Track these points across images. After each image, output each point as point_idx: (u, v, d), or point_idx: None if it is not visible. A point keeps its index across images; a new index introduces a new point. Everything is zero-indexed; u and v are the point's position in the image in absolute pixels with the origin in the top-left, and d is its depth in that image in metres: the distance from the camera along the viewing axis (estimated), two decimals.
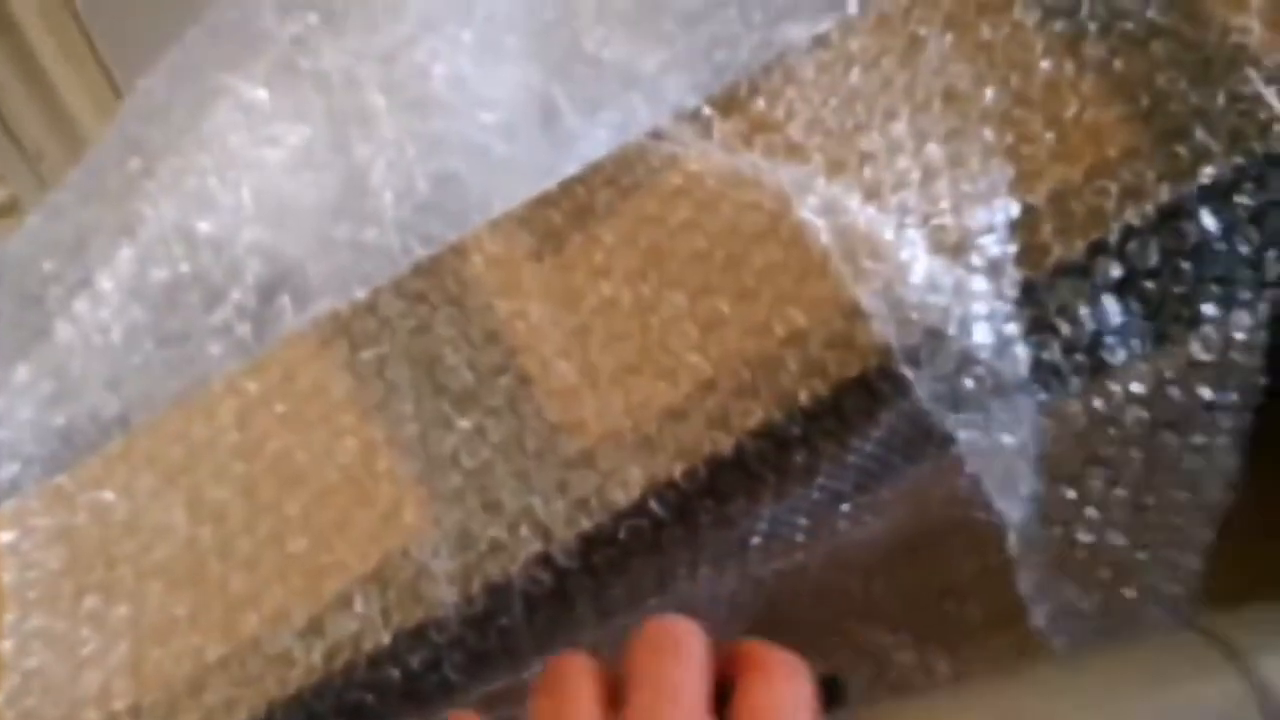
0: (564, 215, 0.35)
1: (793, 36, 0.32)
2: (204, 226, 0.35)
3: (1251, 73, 0.33)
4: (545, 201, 0.35)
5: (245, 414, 0.34)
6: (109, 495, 0.34)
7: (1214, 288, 0.32)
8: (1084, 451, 0.31)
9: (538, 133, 0.36)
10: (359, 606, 0.32)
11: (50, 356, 0.35)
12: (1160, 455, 0.31)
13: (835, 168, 0.31)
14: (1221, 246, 0.32)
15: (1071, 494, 0.31)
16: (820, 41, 0.33)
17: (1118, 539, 0.31)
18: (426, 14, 0.37)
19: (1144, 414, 0.31)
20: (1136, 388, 0.31)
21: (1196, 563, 0.32)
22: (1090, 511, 0.31)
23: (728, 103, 0.32)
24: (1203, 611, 0.33)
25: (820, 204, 0.30)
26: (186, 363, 0.35)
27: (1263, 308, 0.31)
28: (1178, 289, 0.32)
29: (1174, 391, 0.31)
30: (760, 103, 0.31)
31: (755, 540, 0.34)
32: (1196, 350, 0.31)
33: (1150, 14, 0.34)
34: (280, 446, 0.34)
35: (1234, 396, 0.31)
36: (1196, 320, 0.31)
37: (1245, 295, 0.31)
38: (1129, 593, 0.32)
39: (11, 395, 0.35)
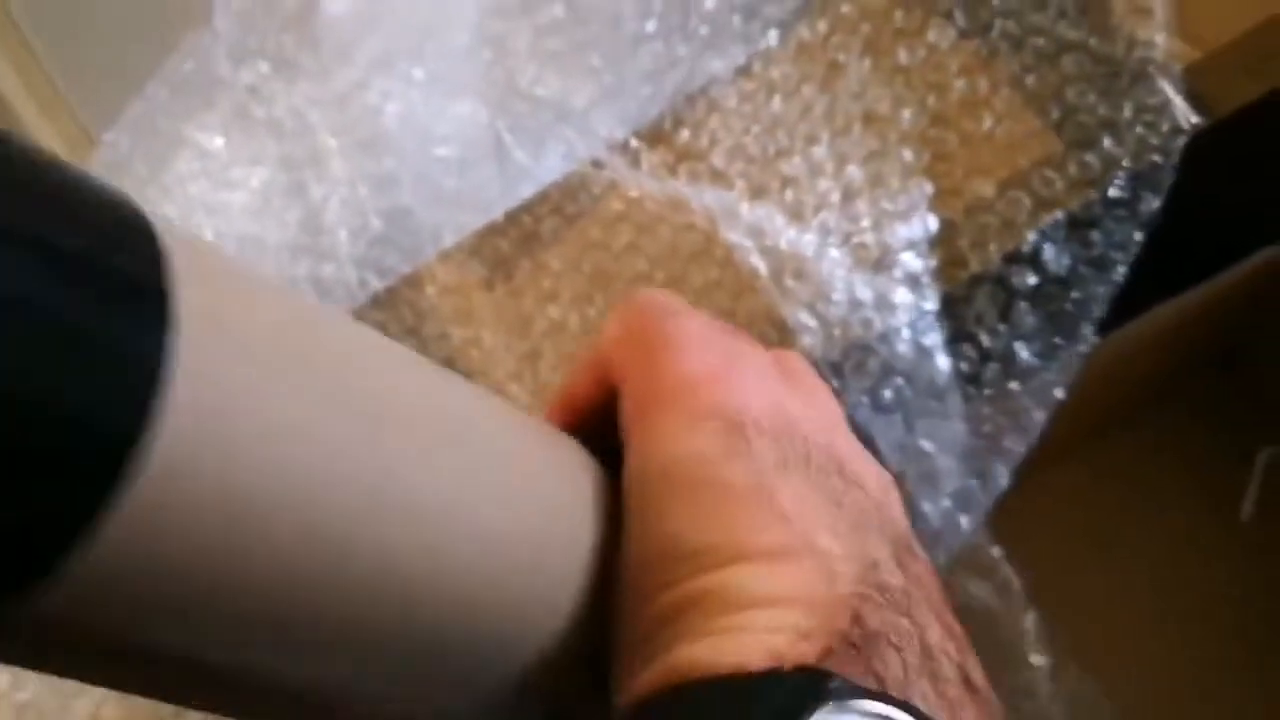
0: (512, 244, 0.36)
1: (716, 68, 0.34)
2: None
3: (1160, 83, 0.35)
4: (494, 231, 0.37)
5: None
6: None
7: (1101, 288, 0.34)
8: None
9: (486, 166, 0.38)
10: None
11: None
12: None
13: (758, 192, 0.33)
14: (1118, 255, 0.34)
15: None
16: (742, 72, 0.34)
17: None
18: (376, 57, 0.39)
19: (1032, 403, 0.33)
20: (1059, 393, 0.33)
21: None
22: None
23: (654, 134, 0.34)
24: None
25: (746, 227, 0.32)
26: None
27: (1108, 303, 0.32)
28: (1075, 293, 0.34)
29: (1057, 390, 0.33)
30: (685, 133, 0.33)
31: None
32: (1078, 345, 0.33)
33: (1060, 30, 0.36)
34: None
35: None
36: (1087, 319, 0.33)
37: (1109, 285, 0.33)
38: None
39: None
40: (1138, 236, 0.34)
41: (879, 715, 0.19)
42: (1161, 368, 0.48)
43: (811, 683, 0.19)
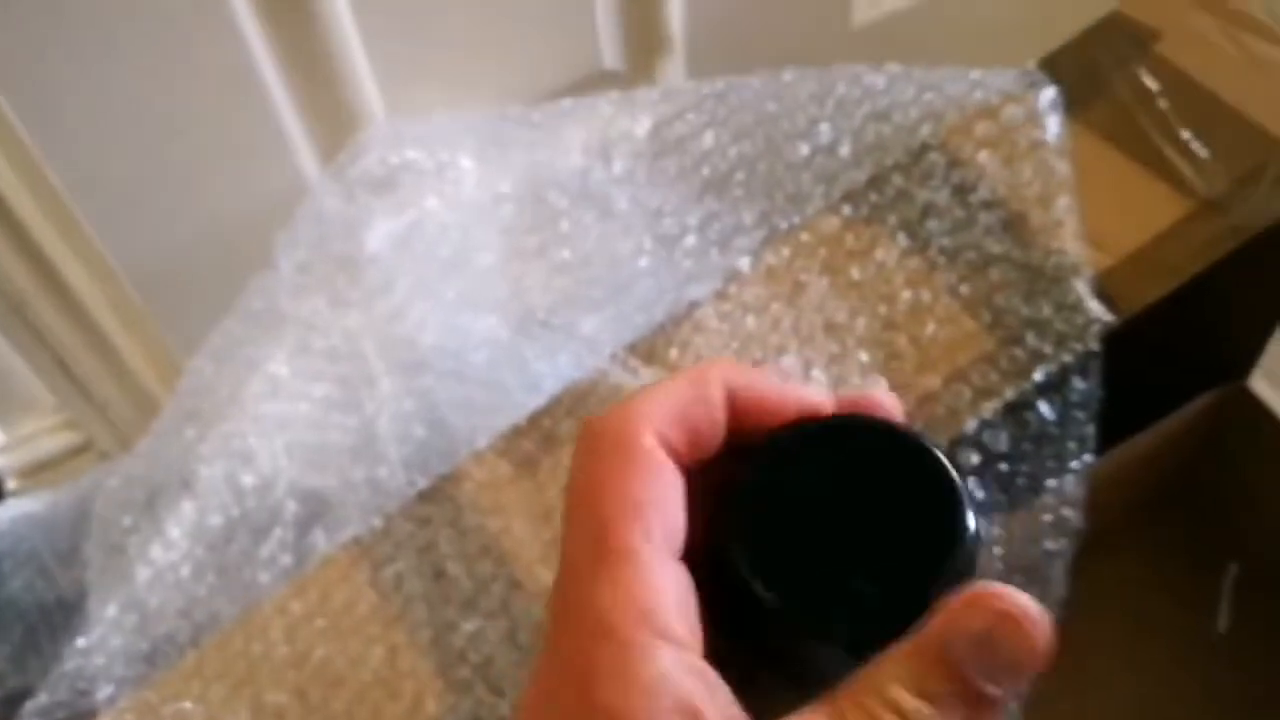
0: (534, 443, 0.43)
1: (698, 294, 0.40)
2: (248, 479, 0.43)
3: (1074, 284, 0.41)
4: (518, 433, 0.43)
5: (292, 630, 0.42)
6: (187, 705, 0.42)
7: (1051, 462, 0.40)
8: None
9: (509, 375, 0.45)
10: None
11: (133, 594, 0.44)
12: None
13: None
14: (1056, 430, 0.40)
15: None
16: (720, 295, 0.41)
17: None
18: (413, 284, 0.46)
19: (1000, 566, 0.38)
20: (996, 550, 0.38)
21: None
22: None
23: (649, 351, 0.40)
24: None
25: None
26: (242, 590, 0.43)
27: (1085, 472, 0.38)
28: (1024, 466, 0.40)
29: (1020, 546, 0.38)
30: (674, 351, 0.40)
31: None
32: (1039, 511, 0.38)
33: (988, 244, 0.42)
34: (323, 655, 0.42)
35: (1065, 542, 0.38)
36: (1039, 489, 0.39)
37: (1074, 464, 0.39)
38: None
39: (104, 629, 0.44)
40: (1078, 415, 0.40)
41: None
42: (1124, 501, 0.53)
43: None
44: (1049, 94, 0.42)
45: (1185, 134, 0.42)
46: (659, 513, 0.24)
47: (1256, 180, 0.41)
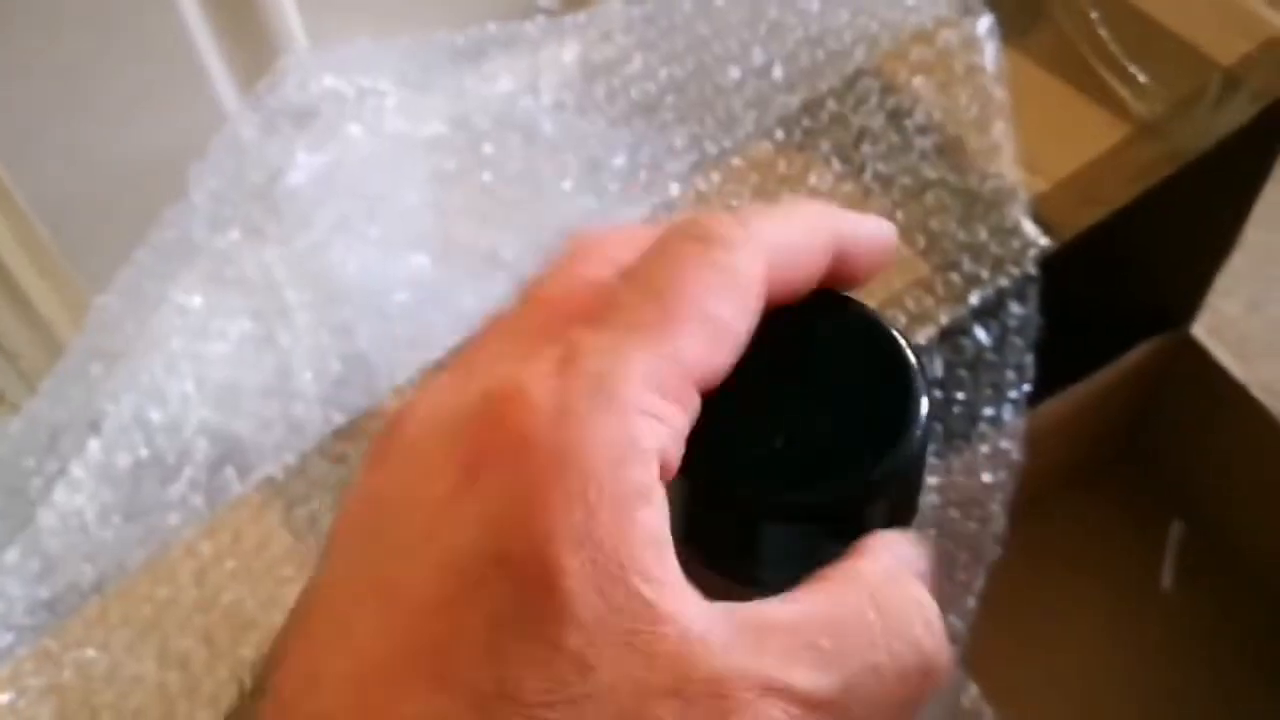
0: None
1: (626, 217, 0.39)
2: (156, 415, 0.41)
3: (1010, 209, 0.40)
4: (441, 368, 0.42)
5: (201, 573, 0.40)
6: (90, 653, 0.40)
7: (988, 390, 0.38)
8: None
9: (433, 311, 0.43)
10: None
11: (34, 540, 0.41)
12: (949, 528, 0.37)
13: None
14: (993, 356, 0.39)
15: None
16: (649, 222, 0.39)
17: None
18: (335, 221, 0.44)
19: (936, 498, 0.37)
20: (930, 480, 0.37)
21: (974, 603, 0.38)
22: None
23: None
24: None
25: None
26: (150, 533, 0.41)
27: (1023, 402, 0.37)
28: (960, 394, 0.38)
29: (959, 478, 0.37)
30: None
31: None
32: (976, 441, 0.37)
33: (923, 169, 0.41)
34: (233, 598, 0.40)
35: (1003, 474, 0.37)
36: (976, 417, 0.38)
37: (1012, 394, 0.38)
38: None
39: (3, 575, 0.41)
40: (1015, 341, 0.39)
41: None
42: (1065, 456, 0.52)
43: None
44: (985, 20, 0.41)
45: (1123, 59, 0.41)
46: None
47: (1195, 104, 0.40)
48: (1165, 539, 0.55)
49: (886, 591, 0.19)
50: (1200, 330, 0.51)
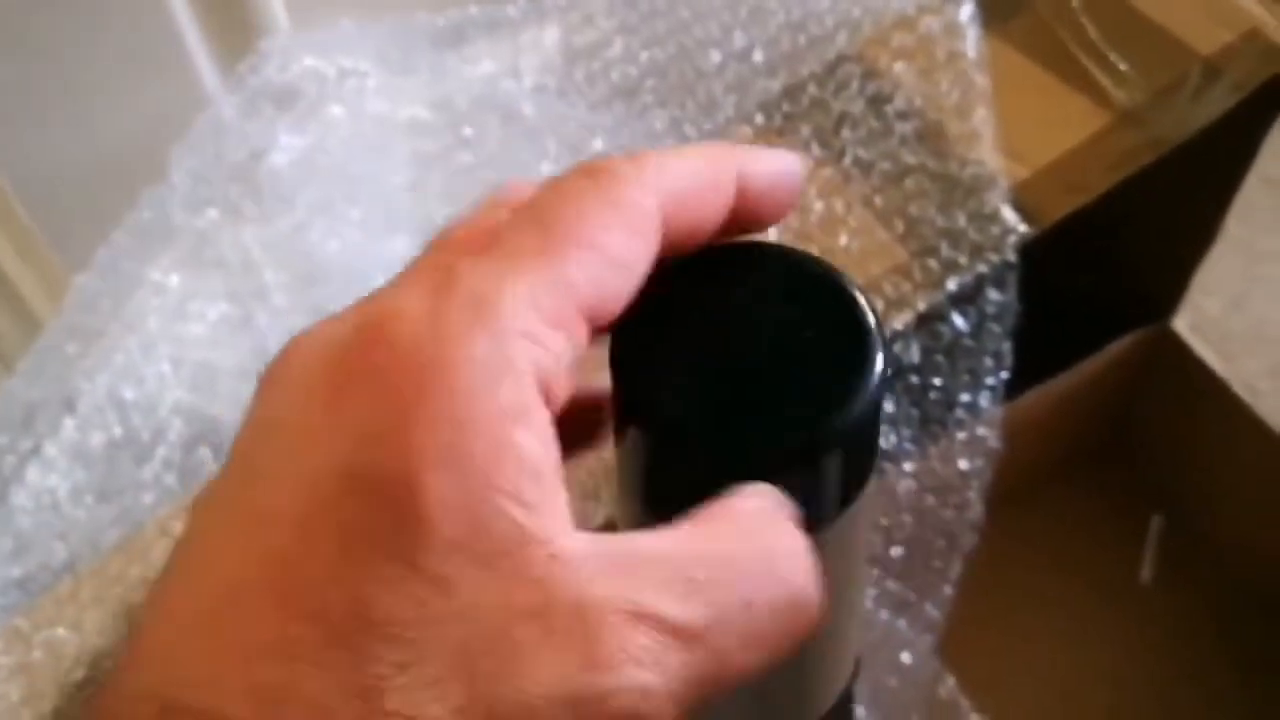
0: None
1: None
2: (131, 395, 0.41)
3: (988, 195, 0.40)
4: None
5: None
6: (60, 632, 0.39)
7: (965, 377, 0.38)
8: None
9: None
10: None
11: (6, 518, 0.41)
12: (925, 514, 0.37)
13: None
14: (970, 343, 0.38)
15: None
16: None
17: (896, 585, 0.36)
18: (316, 202, 0.44)
19: (913, 484, 0.37)
20: (907, 465, 0.37)
21: (950, 591, 0.38)
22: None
23: None
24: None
25: None
26: (124, 512, 0.41)
27: (1001, 389, 0.37)
28: (936, 380, 0.38)
29: (936, 464, 0.37)
30: None
31: None
32: (953, 428, 0.37)
33: (903, 155, 0.41)
34: None
35: (980, 461, 0.37)
36: (953, 404, 0.38)
37: (989, 380, 0.37)
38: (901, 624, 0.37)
39: None
40: (993, 328, 0.39)
41: None
42: (1044, 450, 0.52)
43: None
44: (967, 7, 0.41)
45: (1104, 47, 0.40)
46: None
47: (1176, 93, 0.40)
48: (1145, 533, 0.55)
49: (761, 530, 0.19)
50: (1182, 327, 0.51)
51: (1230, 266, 0.60)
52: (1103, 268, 0.44)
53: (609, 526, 0.37)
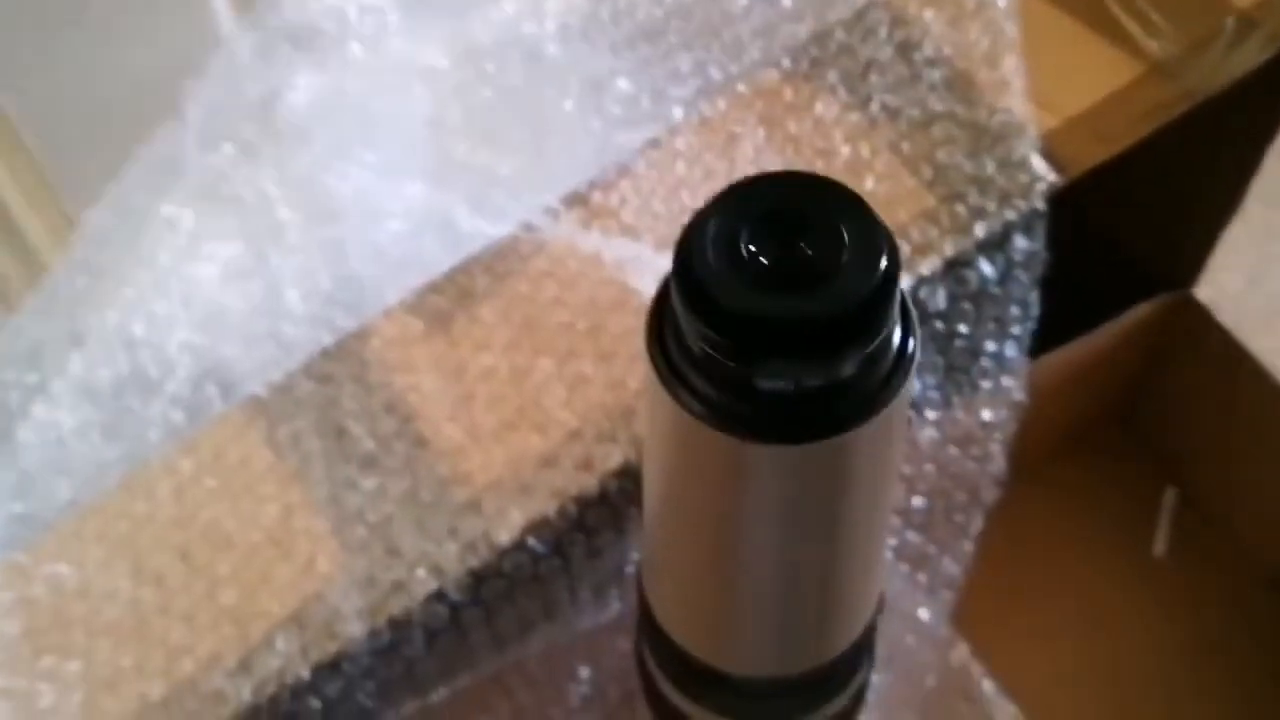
0: (449, 300, 0.39)
1: (627, 141, 0.37)
2: (139, 330, 0.39)
3: (1017, 143, 0.38)
4: (432, 289, 0.40)
5: (180, 489, 0.38)
6: (63, 568, 0.38)
7: (991, 325, 0.37)
8: None
9: (429, 235, 0.41)
10: (281, 646, 0.35)
11: (10, 454, 0.39)
12: (947, 465, 0.35)
13: (664, 244, 0.36)
14: (997, 290, 0.37)
15: None
16: (651, 143, 0.38)
17: (916, 536, 0.35)
18: (333, 143, 0.42)
19: (935, 433, 0.35)
20: (930, 413, 0.35)
21: (970, 547, 0.37)
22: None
23: (571, 195, 0.37)
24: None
25: (654, 276, 0.35)
26: (129, 449, 0.39)
27: (1027, 339, 0.35)
28: (962, 327, 0.37)
29: (959, 414, 0.35)
30: (597, 194, 0.37)
31: (629, 568, 0.38)
32: (977, 377, 0.35)
33: (931, 102, 0.39)
34: (211, 516, 0.38)
35: (1004, 413, 0.35)
36: (978, 352, 0.36)
37: (1015, 330, 0.36)
38: (921, 578, 0.36)
39: None
40: (1020, 276, 0.38)
41: None
42: (1058, 417, 0.50)
43: None
44: None
45: None
46: None
47: (1210, 44, 0.38)
48: (1159, 506, 0.53)
49: None
50: (1204, 288, 0.50)
51: (1248, 243, 0.58)
52: (1128, 224, 0.43)
53: (625, 470, 0.36)
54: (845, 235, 0.20)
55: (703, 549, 0.25)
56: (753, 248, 0.20)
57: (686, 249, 0.20)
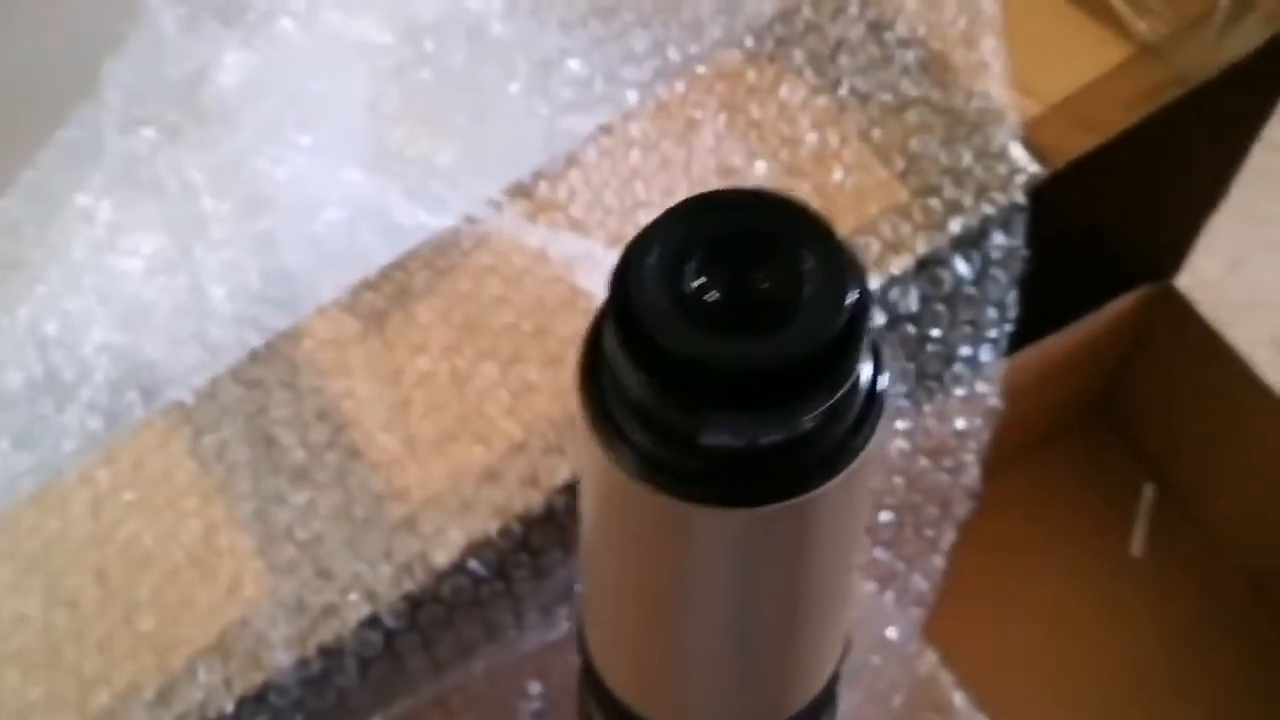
0: (385, 298, 0.36)
1: (576, 127, 0.34)
2: (53, 330, 0.36)
3: (996, 131, 0.36)
4: (368, 286, 0.37)
5: (97, 503, 0.35)
6: None
7: (966, 328, 0.34)
8: None
9: (367, 227, 0.38)
10: (203, 676, 0.33)
11: None
12: (918, 478, 0.33)
13: (616, 240, 0.33)
14: (973, 291, 0.34)
15: None
16: (603, 130, 0.35)
17: (884, 554, 0.33)
18: (264, 125, 0.39)
19: (905, 444, 0.33)
20: (900, 424, 0.33)
21: (942, 562, 0.34)
22: None
23: (516, 186, 0.34)
24: None
25: (604, 275, 0.32)
26: (42, 458, 0.36)
27: (1004, 342, 0.33)
28: (935, 330, 0.34)
29: (931, 423, 0.33)
30: (544, 185, 0.34)
31: (579, 587, 0.35)
32: (950, 384, 0.33)
33: (904, 86, 0.36)
34: (130, 532, 0.35)
35: (979, 421, 0.33)
36: (952, 357, 0.34)
37: (992, 333, 0.33)
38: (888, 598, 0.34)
39: None
40: (998, 275, 0.35)
41: None
42: (1035, 412, 0.48)
43: None
44: None
45: None
46: None
47: (1203, 24, 0.36)
48: (1136, 503, 0.51)
49: None
50: (1185, 279, 0.47)
51: (1229, 228, 0.56)
52: (1109, 215, 0.40)
53: (573, 485, 0.33)
54: (807, 265, 0.17)
55: (643, 614, 0.22)
56: (701, 280, 0.17)
57: (623, 280, 0.17)
